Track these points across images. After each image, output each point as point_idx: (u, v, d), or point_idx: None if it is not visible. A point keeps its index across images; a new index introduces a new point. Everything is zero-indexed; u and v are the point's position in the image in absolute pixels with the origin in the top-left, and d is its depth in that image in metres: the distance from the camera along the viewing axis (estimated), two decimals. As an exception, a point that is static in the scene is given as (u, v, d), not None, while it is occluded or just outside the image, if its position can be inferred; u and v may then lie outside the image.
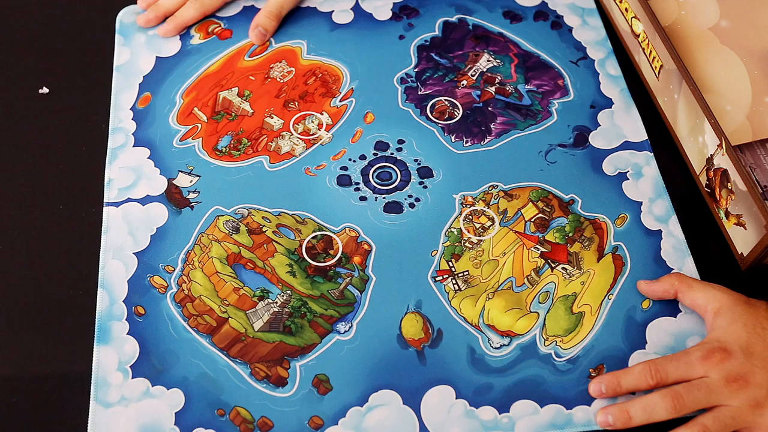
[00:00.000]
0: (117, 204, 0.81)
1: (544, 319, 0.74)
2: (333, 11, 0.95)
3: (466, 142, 0.85)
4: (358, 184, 0.82)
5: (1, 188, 0.83)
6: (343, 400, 0.70)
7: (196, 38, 0.93)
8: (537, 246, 0.78)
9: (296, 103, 0.88)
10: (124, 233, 0.79)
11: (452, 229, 0.79)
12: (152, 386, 0.71)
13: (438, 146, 0.85)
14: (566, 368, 0.72)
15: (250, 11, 0.95)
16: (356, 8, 0.96)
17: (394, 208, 0.81)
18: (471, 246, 0.78)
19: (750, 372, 0.66)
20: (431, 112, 0.87)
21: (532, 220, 0.80)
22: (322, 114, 0.87)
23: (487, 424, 0.69)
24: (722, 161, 0.76)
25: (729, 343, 0.68)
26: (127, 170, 0.83)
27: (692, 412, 0.67)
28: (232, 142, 0.85)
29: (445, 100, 0.88)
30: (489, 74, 0.90)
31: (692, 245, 0.78)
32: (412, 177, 0.83)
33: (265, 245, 0.78)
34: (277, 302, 0.75)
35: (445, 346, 0.73)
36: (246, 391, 0.71)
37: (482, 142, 0.85)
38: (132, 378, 0.71)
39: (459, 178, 0.82)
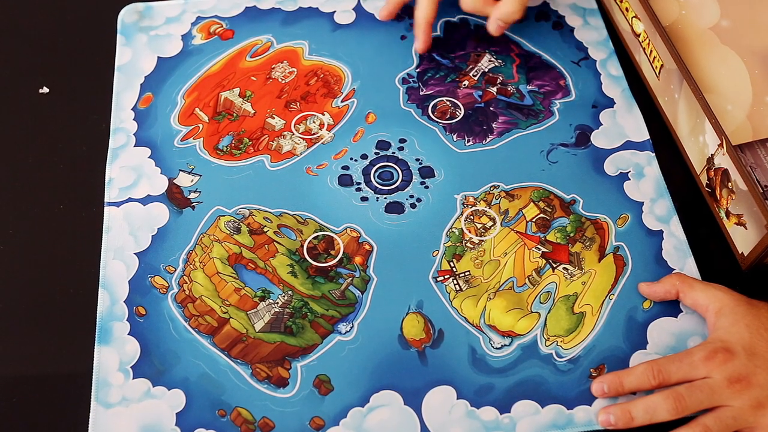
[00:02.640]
0: (118, 204, 0.81)
1: (545, 319, 0.74)
2: (335, 11, 0.95)
3: (468, 141, 0.85)
4: (359, 184, 0.82)
5: (1, 188, 0.83)
6: (344, 401, 0.70)
7: (198, 38, 0.93)
8: (538, 246, 0.78)
9: (298, 103, 0.88)
10: (125, 233, 0.79)
11: (453, 230, 0.79)
12: (153, 387, 0.71)
13: (440, 145, 0.85)
14: (567, 368, 0.72)
15: (252, 12, 0.95)
16: (358, 8, 0.96)
17: (395, 208, 0.81)
18: (472, 246, 0.78)
19: (753, 373, 0.66)
20: (433, 113, 0.87)
21: (534, 220, 0.80)
22: (324, 114, 0.87)
23: (488, 425, 0.69)
24: (723, 161, 0.76)
25: (732, 344, 0.68)
26: (128, 169, 0.83)
27: (694, 412, 0.67)
28: (233, 141, 0.85)
29: (447, 100, 0.88)
30: (491, 74, 0.90)
31: (693, 245, 0.78)
32: (414, 177, 0.83)
33: (266, 245, 0.78)
34: (278, 303, 0.75)
35: (446, 347, 0.73)
36: (247, 392, 0.71)
37: (484, 141, 0.85)
38: (133, 378, 0.71)
39: (460, 178, 0.82)
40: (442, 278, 0.76)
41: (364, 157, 0.84)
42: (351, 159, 0.84)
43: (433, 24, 0.91)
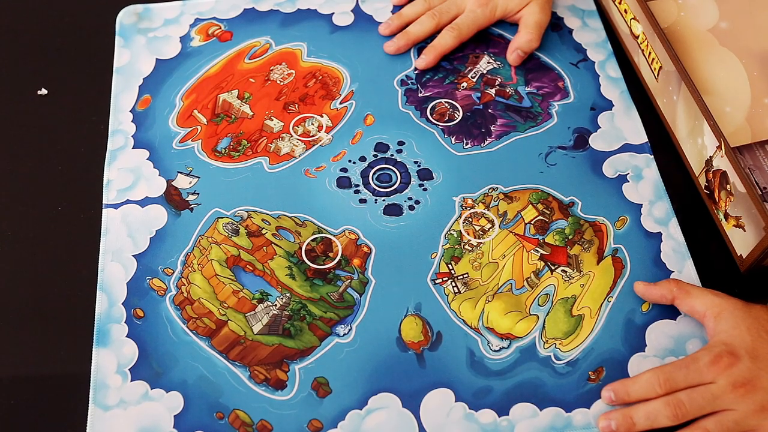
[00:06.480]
0: (116, 206, 0.81)
1: (544, 321, 0.74)
2: (333, 13, 0.95)
3: (466, 144, 0.85)
4: (357, 186, 0.82)
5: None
6: (342, 404, 0.70)
7: (197, 40, 0.93)
8: (537, 248, 0.78)
9: (296, 105, 0.88)
10: (123, 235, 0.79)
11: (452, 232, 0.79)
12: (151, 389, 0.71)
13: (438, 148, 0.85)
14: (565, 371, 0.72)
15: (251, 13, 0.95)
16: (356, 10, 0.96)
17: (393, 210, 0.81)
18: (470, 248, 0.78)
19: (757, 376, 0.66)
20: (431, 114, 0.87)
21: (532, 222, 0.80)
22: (322, 116, 0.87)
23: (486, 427, 0.69)
24: (721, 163, 0.75)
25: (735, 347, 0.67)
26: (126, 171, 0.83)
27: (696, 417, 0.66)
28: (231, 143, 0.85)
29: (445, 102, 0.88)
30: (489, 76, 0.90)
31: (691, 247, 0.78)
32: (412, 179, 0.83)
33: (264, 248, 0.78)
34: (276, 305, 0.75)
35: (444, 349, 0.73)
36: (245, 394, 0.71)
37: (482, 144, 0.85)
38: (131, 381, 0.71)
39: (459, 180, 0.82)
40: (440, 280, 0.76)
41: (362, 159, 0.84)
42: (349, 161, 0.84)
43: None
